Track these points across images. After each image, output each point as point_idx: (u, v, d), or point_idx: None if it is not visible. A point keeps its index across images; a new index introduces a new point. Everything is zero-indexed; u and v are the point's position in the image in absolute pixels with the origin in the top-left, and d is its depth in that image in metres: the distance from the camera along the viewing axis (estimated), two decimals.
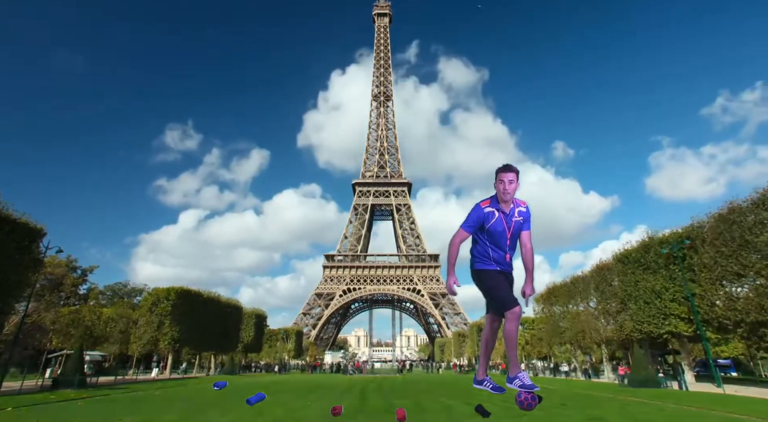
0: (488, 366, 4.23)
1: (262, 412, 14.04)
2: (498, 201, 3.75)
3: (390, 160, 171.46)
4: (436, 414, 13.74)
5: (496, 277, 3.75)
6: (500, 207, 3.74)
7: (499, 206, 3.74)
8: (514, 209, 3.77)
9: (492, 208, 3.76)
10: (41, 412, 14.56)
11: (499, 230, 3.73)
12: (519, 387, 3.62)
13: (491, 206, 3.77)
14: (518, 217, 3.77)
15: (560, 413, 13.97)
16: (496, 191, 3.76)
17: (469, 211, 3.85)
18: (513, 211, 3.76)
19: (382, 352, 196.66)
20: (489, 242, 3.79)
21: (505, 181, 3.66)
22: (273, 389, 26.74)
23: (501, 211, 3.73)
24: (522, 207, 3.82)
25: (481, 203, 3.82)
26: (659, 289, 31.19)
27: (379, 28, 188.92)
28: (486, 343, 4.10)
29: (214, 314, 52.72)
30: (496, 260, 3.78)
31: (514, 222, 3.75)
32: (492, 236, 3.76)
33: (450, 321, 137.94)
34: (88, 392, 23.80)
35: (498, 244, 3.78)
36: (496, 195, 3.78)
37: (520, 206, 3.81)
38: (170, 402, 18.28)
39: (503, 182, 3.67)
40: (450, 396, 20.71)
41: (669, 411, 14.65)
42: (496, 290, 3.70)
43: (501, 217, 3.73)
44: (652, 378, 26.96)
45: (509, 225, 3.74)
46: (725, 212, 26.31)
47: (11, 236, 23.07)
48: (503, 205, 3.74)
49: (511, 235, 3.76)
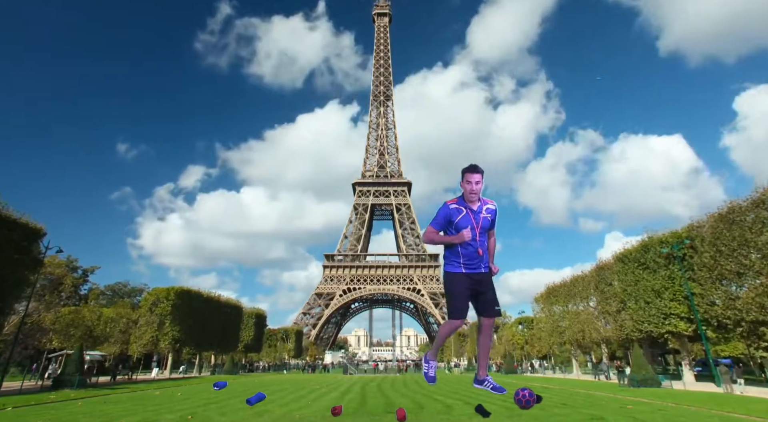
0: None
1: (262, 412, 14.05)
2: (465, 200, 3.89)
3: (390, 160, 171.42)
4: (436, 414, 13.74)
5: (457, 283, 3.87)
6: (467, 205, 3.88)
7: (466, 204, 3.89)
8: (482, 207, 3.91)
9: (459, 205, 3.90)
10: (41, 412, 14.56)
11: (466, 225, 3.84)
12: (491, 390, 3.98)
13: (458, 204, 3.91)
14: (486, 214, 3.90)
15: (560, 413, 13.97)
16: (463, 191, 3.88)
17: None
18: (481, 208, 3.90)
19: (382, 352, 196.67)
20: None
21: (472, 181, 3.78)
22: (273, 389, 26.74)
23: (468, 208, 3.87)
24: (490, 205, 3.95)
25: (447, 201, 3.95)
26: (659, 289, 31.18)
27: (379, 27, 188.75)
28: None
29: (214, 315, 52.75)
30: (466, 256, 3.86)
31: (482, 218, 3.88)
32: (460, 232, 3.87)
33: None
34: (88, 392, 23.82)
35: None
36: (463, 195, 3.92)
37: (488, 204, 3.95)
38: (170, 402, 18.28)
39: (470, 183, 3.79)
40: (450, 396, 20.72)
41: (669, 411, 14.65)
42: (452, 299, 3.87)
43: (468, 213, 3.86)
44: (652, 378, 26.94)
45: (477, 221, 3.86)
46: (725, 212, 26.31)
47: (11, 236, 23.07)
48: (470, 204, 3.88)
49: (480, 230, 3.87)
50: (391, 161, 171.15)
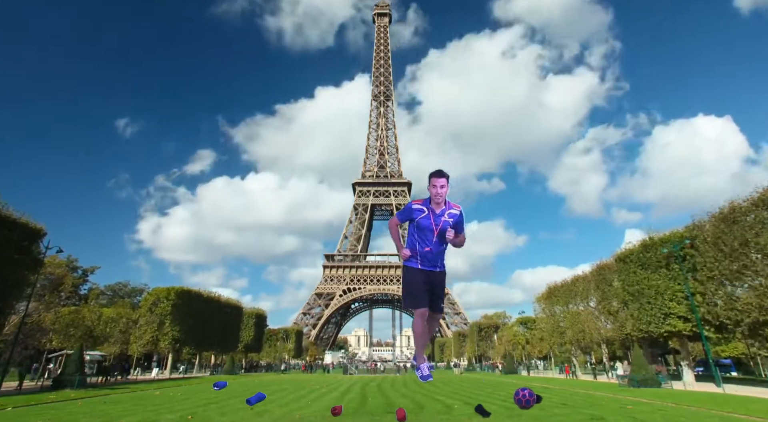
0: (424, 353, 4.59)
1: (262, 412, 14.04)
2: (430, 202, 4.18)
3: (390, 160, 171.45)
4: (436, 415, 13.72)
5: (415, 276, 4.20)
6: (431, 207, 4.17)
7: (431, 206, 4.17)
8: (445, 211, 4.17)
9: (422, 206, 4.21)
10: (41, 412, 14.55)
11: (425, 225, 4.16)
12: (421, 379, 4.31)
13: (423, 205, 4.22)
14: (448, 218, 4.15)
15: (560, 413, 13.96)
16: (430, 194, 4.15)
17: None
18: (443, 212, 4.16)
19: (383, 352, 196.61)
20: (417, 236, 4.24)
21: (437, 185, 4.06)
22: (273, 389, 26.74)
23: (431, 210, 4.16)
24: (455, 210, 4.20)
25: (413, 201, 4.30)
26: (660, 289, 31.16)
27: (379, 28, 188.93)
28: (418, 334, 4.37)
29: (214, 315, 52.77)
30: (422, 254, 4.20)
31: (442, 221, 4.13)
32: (420, 231, 4.21)
33: (450, 320, 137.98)
34: (88, 392, 23.81)
35: (424, 239, 4.21)
36: (429, 197, 4.20)
37: (452, 208, 4.20)
38: (170, 402, 18.28)
39: (435, 187, 4.07)
40: (450, 396, 20.71)
41: (669, 411, 14.64)
42: (409, 287, 4.23)
43: (430, 215, 4.16)
44: (652, 378, 26.91)
45: (437, 223, 4.13)
46: (726, 212, 26.30)
47: (11, 236, 23.06)
48: (435, 206, 4.16)
49: (438, 233, 4.13)
50: (391, 161, 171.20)
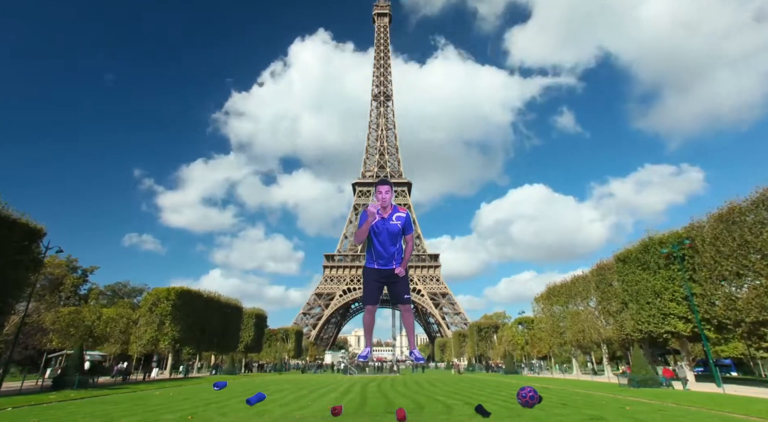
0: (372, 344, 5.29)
1: (262, 412, 14.05)
2: (380, 208, 4.78)
3: (390, 160, 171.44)
4: (436, 414, 13.73)
5: (368, 275, 4.88)
6: (380, 212, 4.75)
7: (380, 211, 4.76)
8: (392, 215, 4.77)
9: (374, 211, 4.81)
10: (41, 412, 14.56)
11: (377, 228, 4.73)
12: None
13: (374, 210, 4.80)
14: (395, 221, 4.76)
15: (560, 413, 13.96)
16: (377, 200, 4.78)
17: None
18: (391, 216, 4.76)
19: (383, 352, 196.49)
20: (374, 239, 4.81)
21: (382, 191, 4.73)
22: (273, 389, 26.74)
23: (380, 215, 4.74)
24: (401, 213, 4.83)
25: (366, 208, 4.83)
26: (659, 289, 31.18)
27: (379, 27, 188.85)
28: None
29: (214, 315, 52.73)
30: (377, 254, 4.81)
31: (390, 224, 4.73)
32: (374, 234, 4.79)
33: (450, 320, 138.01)
34: (88, 392, 23.81)
35: (378, 240, 4.79)
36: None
37: (399, 212, 4.84)
38: (170, 402, 18.28)
39: (381, 193, 4.73)
40: (450, 396, 20.72)
41: (669, 411, 14.64)
42: (365, 287, 4.91)
43: (379, 218, 4.74)
44: (652, 378, 26.91)
45: (386, 226, 4.72)
46: (725, 212, 26.32)
47: (11, 236, 23.05)
48: (383, 210, 4.76)
49: (389, 235, 4.73)
50: (391, 161, 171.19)
